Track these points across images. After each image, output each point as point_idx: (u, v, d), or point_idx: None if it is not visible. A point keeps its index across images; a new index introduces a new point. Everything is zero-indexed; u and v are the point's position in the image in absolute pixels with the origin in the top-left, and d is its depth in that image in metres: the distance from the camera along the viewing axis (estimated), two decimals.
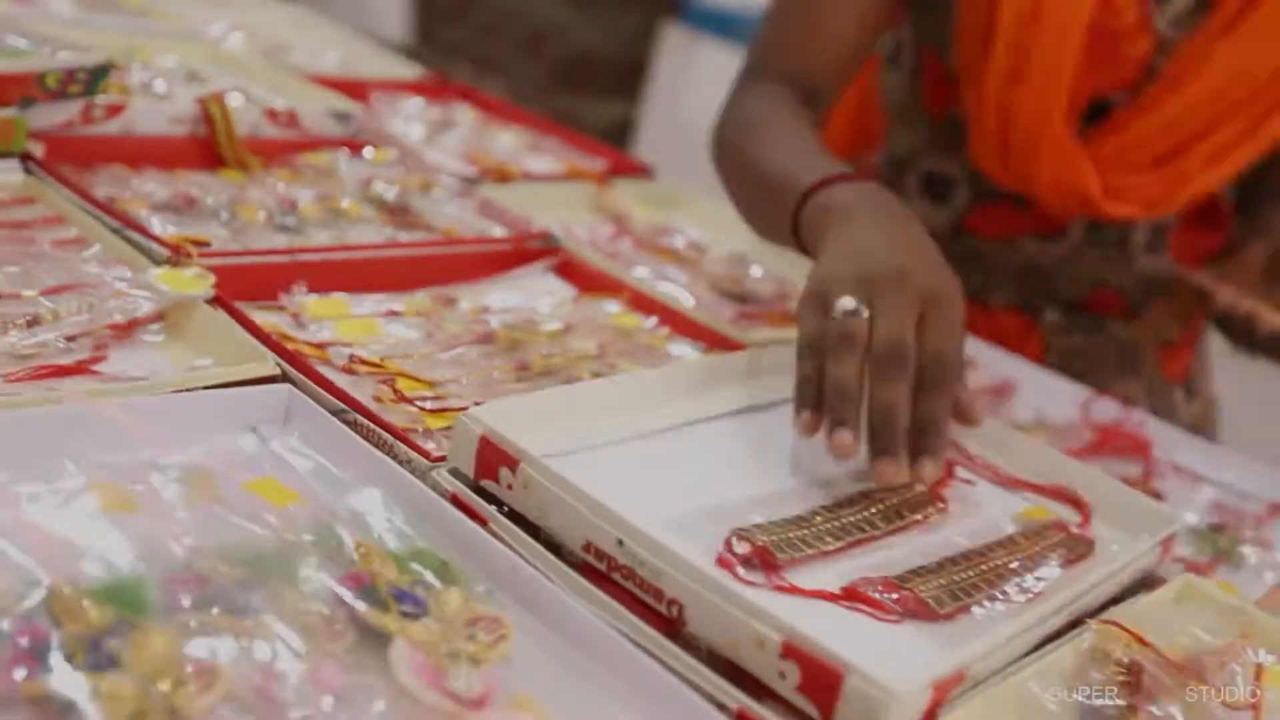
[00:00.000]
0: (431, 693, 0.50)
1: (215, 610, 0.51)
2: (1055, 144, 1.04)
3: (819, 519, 0.67)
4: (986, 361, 1.08)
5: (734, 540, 0.63)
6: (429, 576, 0.57)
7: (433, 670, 0.51)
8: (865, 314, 0.72)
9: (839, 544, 0.66)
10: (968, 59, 1.08)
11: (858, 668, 0.52)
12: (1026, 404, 1.04)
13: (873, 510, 0.70)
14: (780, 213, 0.87)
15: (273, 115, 1.13)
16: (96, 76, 0.96)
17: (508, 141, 1.39)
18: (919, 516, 0.71)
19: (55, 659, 0.46)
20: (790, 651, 0.53)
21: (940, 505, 0.73)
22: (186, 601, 0.51)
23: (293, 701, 0.48)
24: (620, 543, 0.59)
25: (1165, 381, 1.22)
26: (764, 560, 0.63)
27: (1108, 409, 1.02)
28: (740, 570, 0.62)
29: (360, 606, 0.53)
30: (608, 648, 0.56)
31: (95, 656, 0.46)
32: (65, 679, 0.45)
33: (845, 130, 1.30)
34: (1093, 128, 1.07)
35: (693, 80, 3.85)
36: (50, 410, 0.62)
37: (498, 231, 1.05)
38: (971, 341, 1.05)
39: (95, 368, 0.72)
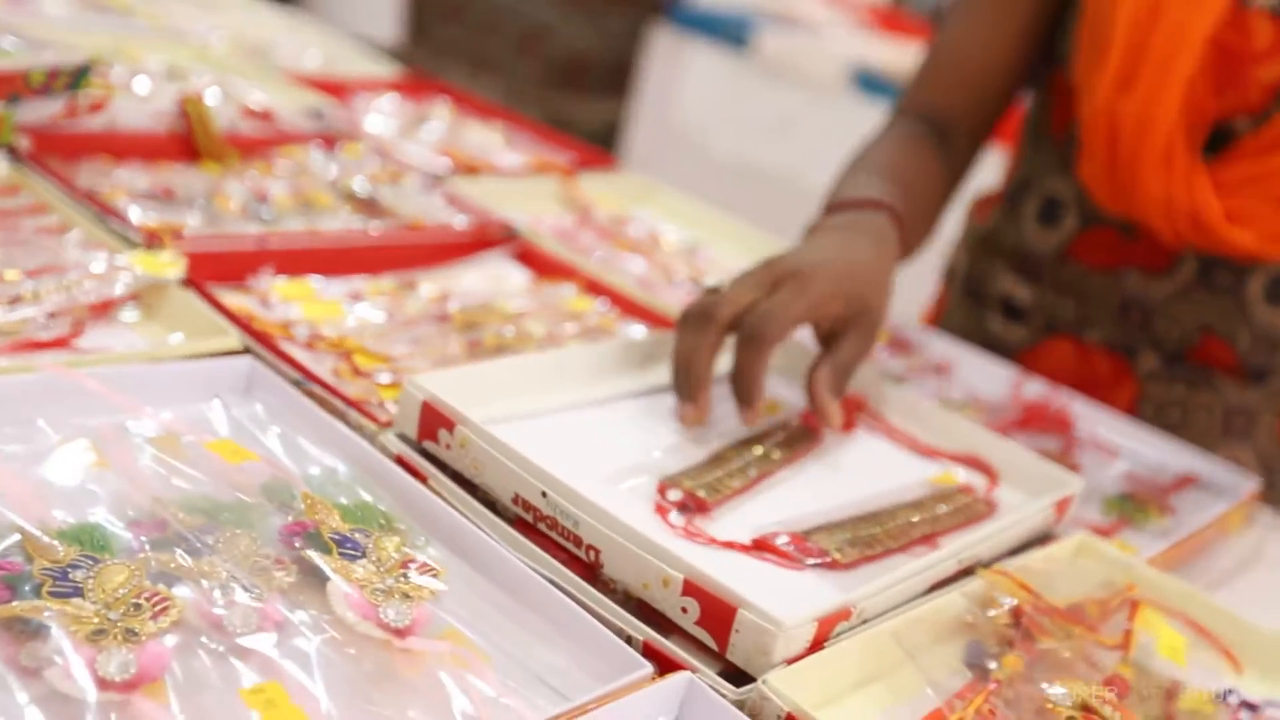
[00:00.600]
0: (364, 623, 0.56)
1: (172, 551, 0.57)
2: (1165, 157, 0.99)
3: (730, 453, 0.75)
4: (925, 342, 1.14)
5: (667, 489, 0.70)
6: (370, 526, 0.63)
7: (366, 604, 0.57)
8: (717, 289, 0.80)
9: (750, 479, 0.73)
10: (1085, 68, 1.04)
11: (749, 602, 0.58)
12: (961, 383, 1.09)
13: (768, 444, 0.79)
14: None
15: (249, 112, 1.19)
16: (79, 74, 1.02)
17: (481, 137, 1.45)
18: (802, 449, 0.81)
19: (27, 589, 0.52)
20: (691, 589, 0.59)
21: (816, 437, 0.83)
22: (146, 543, 0.57)
23: (238, 627, 0.54)
24: (544, 494, 0.65)
25: None
26: (696, 504, 0.70)
27: (1037, 389, 1.07)
28: (673, 515, 0.68)
29: (304, 550, 0.59)
30: (531, 589, 0.62)
31: (62, 586, 0.52)
32: (35, 604, 0.51)
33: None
34: (1216, 155, 1.01)
35: (680, 81, 3.90)
36: (28, 378, 0.67)
37: (462, 221, 1.11)
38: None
39: (73, 343, 0.78)
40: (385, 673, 0.54)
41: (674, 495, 0.71)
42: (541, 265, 1.09)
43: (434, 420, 0.70)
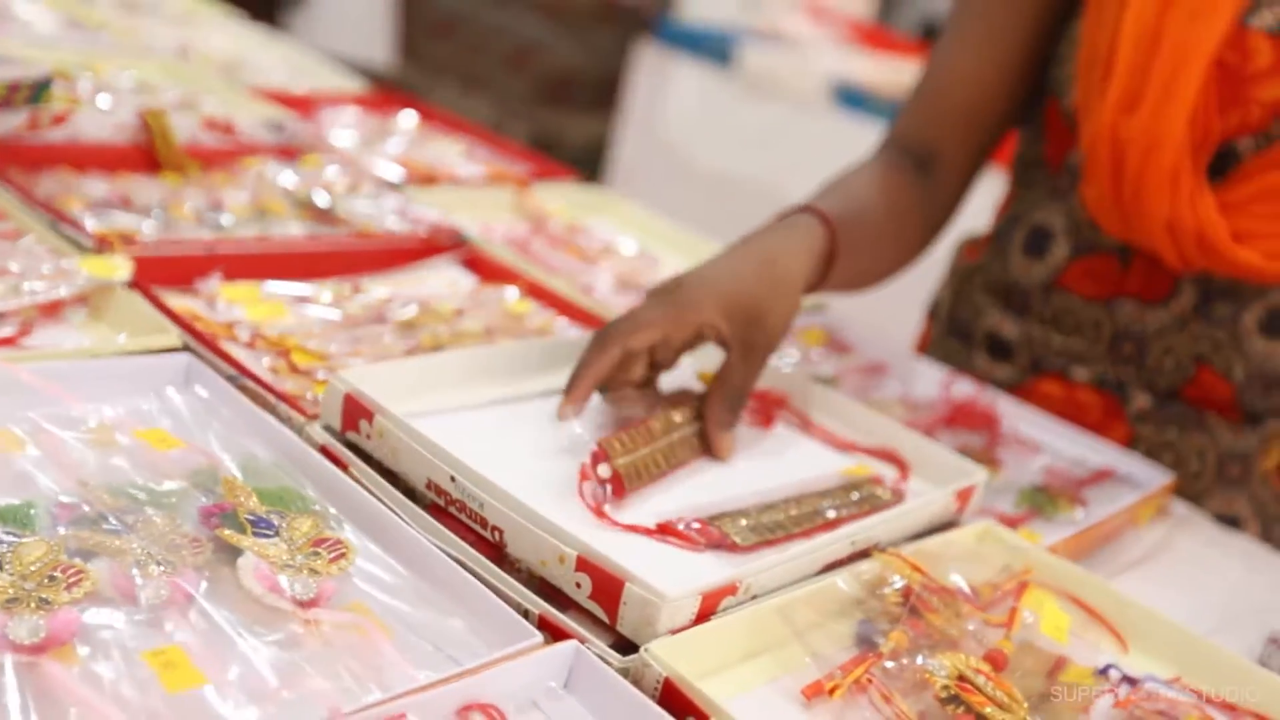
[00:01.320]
0: (270, 595, 0.59)
1: (92, 529, 0.61)
2: (1172, 178, 0.98)
3: (656, 424, 0.80)
4: (862, 343, 1.18)
5: (599, 463, 0.73)
6: (287, 509, 0.67)
7: (272, 578, 0.60)
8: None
9: (663, 470, 0.78)
10: (1086, 92, 1.03)
11: (636, 576, 0.62)
12: (894, 382, 1.13)
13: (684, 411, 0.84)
14: None
15: (210, 124, 1.23)
16: (40, 88, 1.06)
17: (442, 149, 1.49)
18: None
19: None
20: (583, 565, 0.63)
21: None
22: (68, 522, 0.61)
23: (150, 598, 0.57)
24: (452, 479, 0.68)
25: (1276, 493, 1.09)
26: (615, 487, 0.73)
27: (965, 388, 1.11)
28: (590, 486, 0.72)
29: (220, 529, 0.63)
30: (437, 568, 0.65)
31: None
32: None
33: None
34: (1222, 176, 1.00)
35: (666, 96, 3.95)
36: None
37: (411, 228, 1.15)
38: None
39: (21, 341, 0.81)
40: (288, 641, 0.58)
41: (604, 472, 0.74)
42: (487, 271, 1.13)
43: (355, 411, 0.74)
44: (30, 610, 0.54)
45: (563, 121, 4.85)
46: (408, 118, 1.57)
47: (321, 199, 1.15)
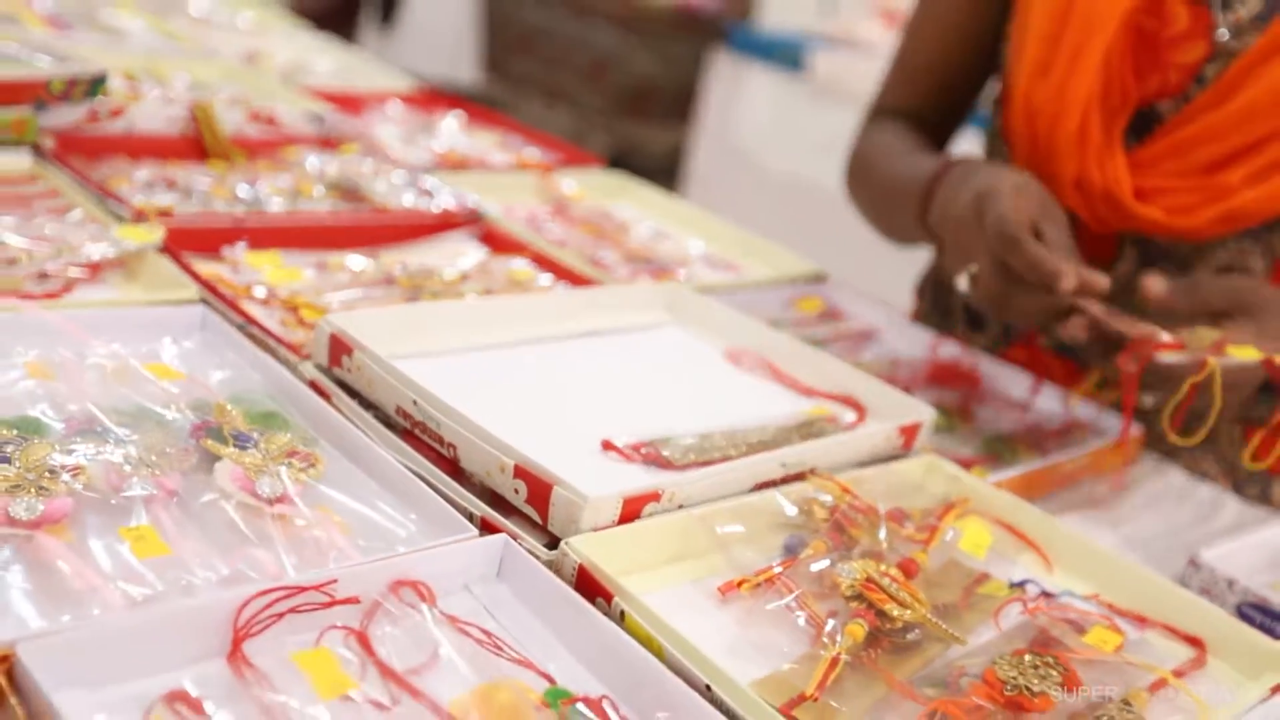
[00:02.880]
0: (241, 493, 0.68)
1: (95, 438, 0.70)
2: (1079, 136, 1.03)
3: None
4: (856, 311, 1.24)
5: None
6: (268, 428, 0.75)
7: (245, 479, 0.69)
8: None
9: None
10: (1012, 63, 1.09)
11: (562, 480, 0.69)
12: (885, 345, 1.19)
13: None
14: (907, 214, 1.08)
15: (255, 116, 1.34)
16: (95, 83, 1.17)
17: (480, 141, 1.59)
18: None
19: None
20: (520, 473, 0.71)
21: None
22: (74, 432, 0.70)
23: (136, 492, 0.66)
24: (415, 402, 0.77)
25: (1255, 465, 1.09)
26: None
27: (951, 349, 1.16)
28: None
29: (205, 440, 0.72)
30: (396, 479, 0.73)
31: None
32: None
33: None
34: (1140, 139, 1.05)
35: (740, 105, 4.02)
36: (7, 315, 0.82)
37: (431, 205, 1.24)
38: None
39: (63, 297, 0.92)
40: (252, 530, 0.67)
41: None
42: (500, 244, 1.21)
43: (339, 348, 0.82)
44: (31, 495, 0.63)
45: (641, 132, 4.94)
46: (453, 115, 1.66)
47: (349, 179, 1.25)
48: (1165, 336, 0.90)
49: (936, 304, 1.27)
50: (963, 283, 0.97)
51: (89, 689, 0.52)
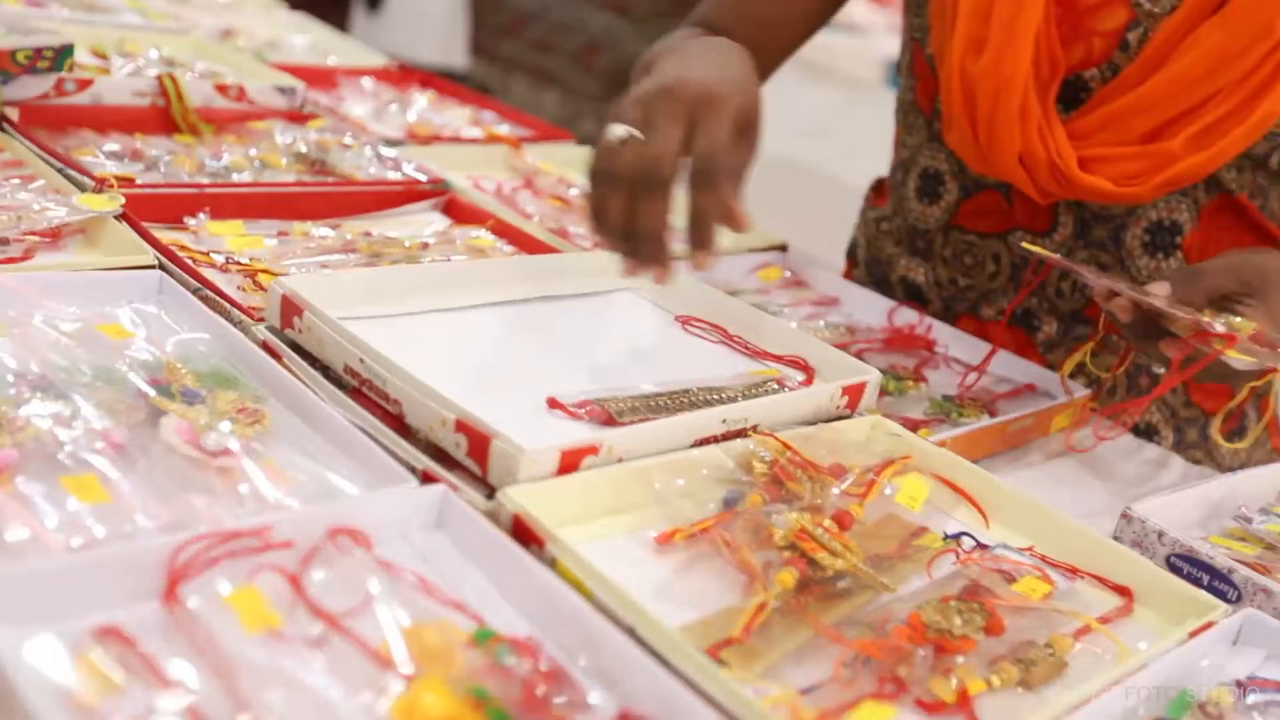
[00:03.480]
0: (185, 446, 0.70)
1: (45, 394, 0.72)
2: (1021, 112, 1.04)
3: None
4: (816, 280, 1.25)
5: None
6: (218, 386, 0.77)
7: (190, 433, 0.71)
8: (635, 136, 0.80)
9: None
10: (939, 38, 1.10)
11: (500, 433, 0.71)
12: (842, 313, 1.20)
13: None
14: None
15: (223, 89, 1.35)
16: (61, 55, 1.19)
17: (452, 117, 1.60)
18: None
19: None
20: (461, 427, 0.72)
21: None
22: (25, 389, 0.72)
23: (83, 444, 0.68)
24: (361, 360, 0.78)
25: (1200, 412, 1.14)
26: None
27: (908, 316, 1.17)
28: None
29: (154, 398, 0.74)
30: (344, 435, 0.75)
31: None
32: None
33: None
34: (1074, 110, 1.07)
35: None
36: None
37: (396, 177, 1.26)
38: None
39: (23, 264, 0.93)
40: (195, 481, 0.68)
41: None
42: (465, 215, 1.23)
43: (290, 310, 0.84)
44: None
45: None
46: (422, 92, 1.68)
47: (315, 152, 1.26)
48: (1219, 327, 0.87)
49: (871, 275, 1.29)
50: (618, 130, 0.82)
51: (21, 626, 0.53)
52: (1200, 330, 0.88)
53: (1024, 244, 1.05)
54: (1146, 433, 1.12)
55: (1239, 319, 0.90)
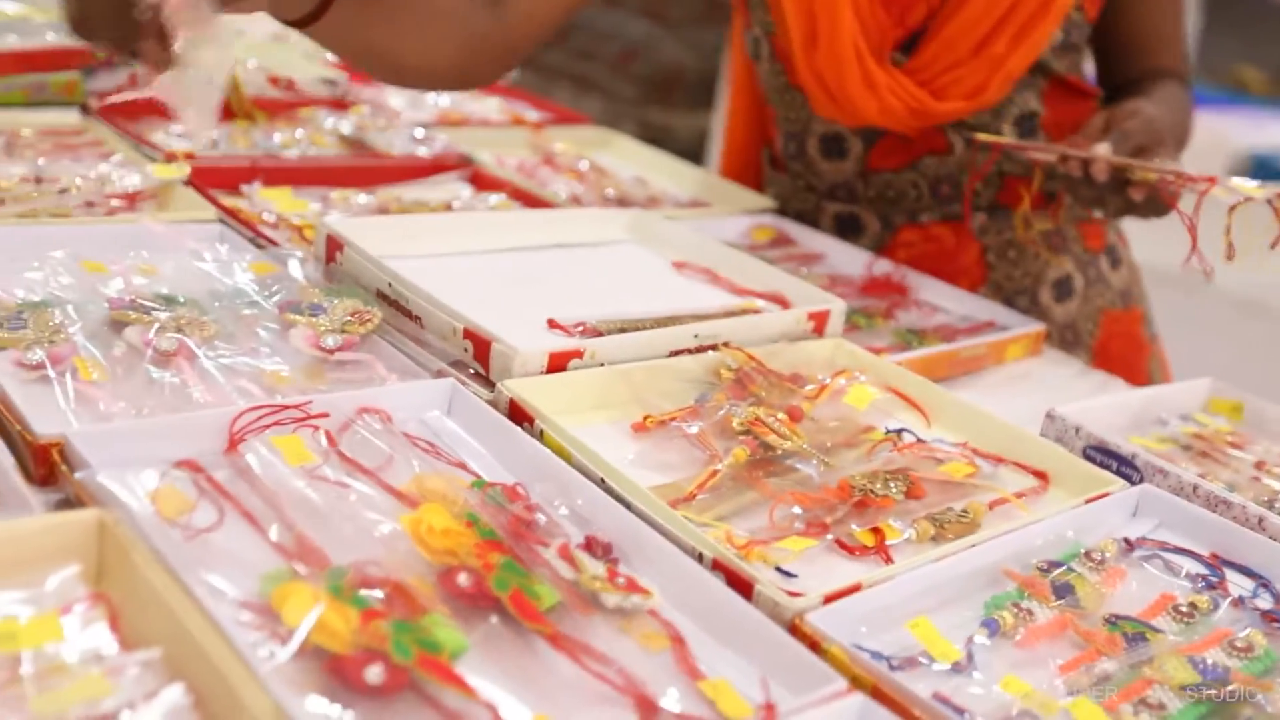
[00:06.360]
0: (308, 347, 0.85)
1: (154, 310, 0.87)
2: (864, 82, 1.23)
3: None
4: (805, 238, 1.38)
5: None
6: (339, 297, 0.92)
7: (314, 337, 0.86)
8: None
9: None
10: (782, 38, 1.29)
11: (499, 337, 0.85)
12: (827, 265, 1.33)
13: None
14: None
15: (274, 81, 1.51)
16: None
17: (482, 105, 1.75)
18: None
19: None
20: (468, 334, 0.87)
21: None
22: (115, 307, 0.87)
23: (220, 347, 0.83)
24: (389, 285, 0.93)
25: (1090, 253, 1.39)
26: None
27: (884, 266, 1.30)
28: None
29: (287, 313, 0.89)
30: (382, 348, 0.90)
31: (15, 323, 0.82)
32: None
33: (746, 126, 1.51)
34: (911, 52, 1.26)
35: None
36: (55, 228, 0.99)
37: (425, 151, 1.41)
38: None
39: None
40: (309, 373, 0.83)
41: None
42: (487, 185, 1.37)
43: (332, 246, 0.99)
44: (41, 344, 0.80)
45: (669, 118, 5.09)
46: None
47: (355, 133, 1.42)
48: (1194, 172, 1.03)
49: (802, 219, 1.42)
50: None
51: (128, 466, 0.68)
52: (1177, 178, 1.03)
53: (978, 135, 1.22)
54: (1066, 281, 1.36)
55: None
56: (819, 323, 1.04)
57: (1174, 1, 1.34)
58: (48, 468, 0.68)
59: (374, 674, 0.56)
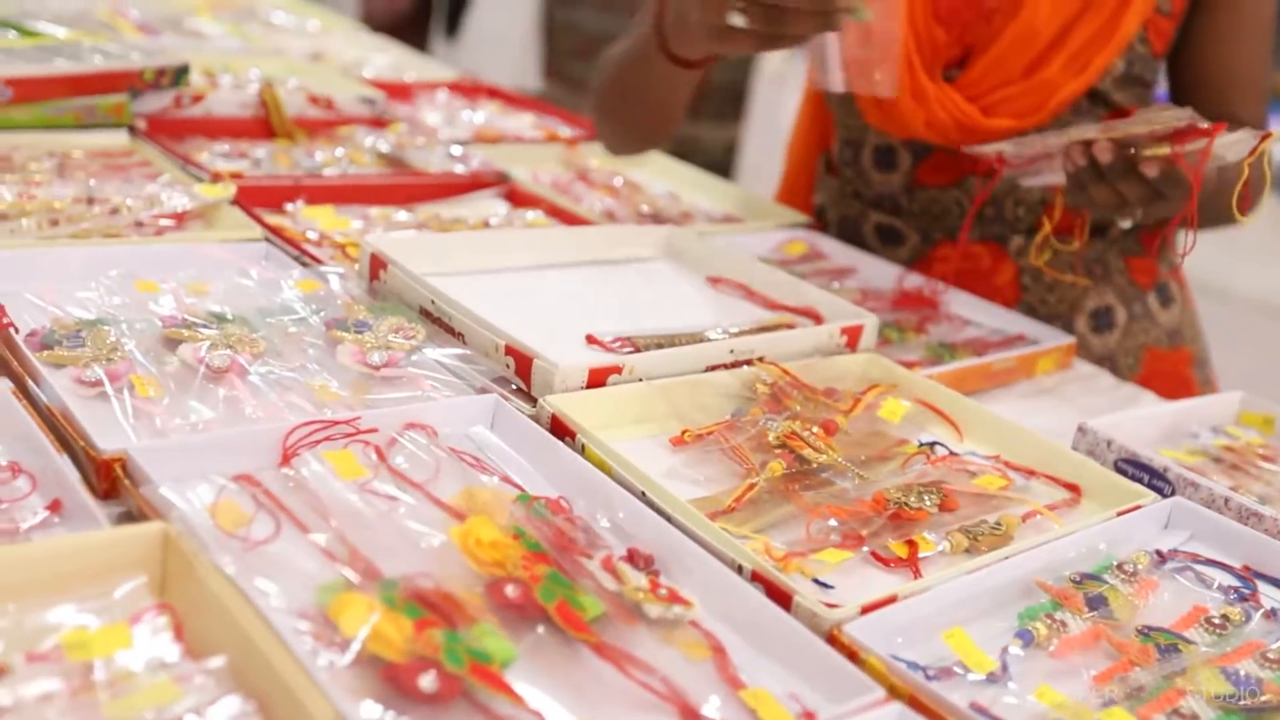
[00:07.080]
0: (354, 364, 0.88)
1: (205, 327, 0.89)
2: (915, 93, 1.24)
3: None
4: (835, 252, 1.40)
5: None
6: (385, 315, 0.95)
7: (360, 353, 0.88)
8: None
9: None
10: None
11: (540, 354, 0.87)
12: (859, 279, 1.35)
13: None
14: (640, 44, 1.23)
15: (314, 100, 1.54)
16: (180, 72, 1.39)
17: (517, 121, 1.78)
18: None
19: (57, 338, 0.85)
20: (510, 351, 0.89)
21: None
22: (168, 325, 0.90)
23: (215, 364, 0.86)
24: (433, 302, 0.95)
25: (1136, 287, 1.36)
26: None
27: (915, 280, 1.32)
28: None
29: (333, 330, 0.92)
30: (428, 364, 0.92)
31: (73, 341, 0.85)
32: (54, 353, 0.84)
33: (809, 133, 1.54)
34: (961, 67, 1.27)
35: (786, 100, 4.17)
36: (108, 249, 1.02)
37: (462, 169, 1.43)
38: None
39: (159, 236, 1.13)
40: (356, 388, 0.86)
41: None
42: (523, 201, 1.40)
43: (376, 264, 1.02)
44: (100, 363, 0.83)
45: (696, 130, 5.11)
46: (490, 101, 1.86)
47: (393, 150, 1.45)
48: (1204, 123, 0.99)
49: (843, 228, 1.44)
50: (737, 19, 1.02)
51: (187, 480, 0.71)
52: (1189, 129, 1.00)
53: (964, 149, 1.21)
54: (1106, 313, 1.33)
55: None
56: (852, 337, 1.06)
57: (1259, 42, 1.27)
58: (110, 482, 0.71)
59: (428, 681, 0.58)
